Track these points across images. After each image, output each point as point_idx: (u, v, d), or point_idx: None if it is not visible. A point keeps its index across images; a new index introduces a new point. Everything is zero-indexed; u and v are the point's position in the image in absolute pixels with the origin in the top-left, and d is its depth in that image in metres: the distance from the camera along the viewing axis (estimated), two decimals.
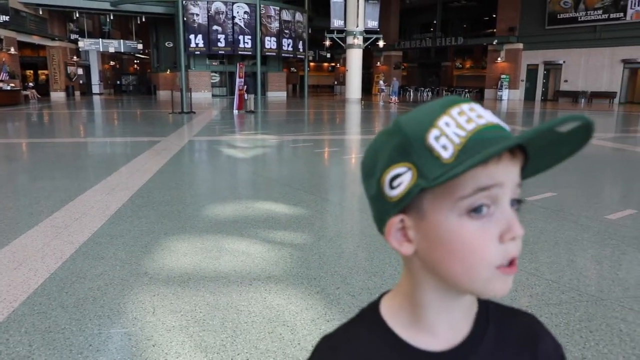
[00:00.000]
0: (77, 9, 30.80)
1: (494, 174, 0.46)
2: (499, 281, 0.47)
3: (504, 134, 0.46)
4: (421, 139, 0.46)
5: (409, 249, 0.51)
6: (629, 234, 4.11)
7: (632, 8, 26.20)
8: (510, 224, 0.47)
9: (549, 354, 0.58)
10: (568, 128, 0.45)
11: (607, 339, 2.45)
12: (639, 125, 14.80)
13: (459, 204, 0.46)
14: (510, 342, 0.56)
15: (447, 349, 0.53)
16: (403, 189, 0.47)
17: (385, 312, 0.56)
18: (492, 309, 0.58)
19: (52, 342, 2.34)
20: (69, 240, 3.79)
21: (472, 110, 0.47)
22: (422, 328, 0.54)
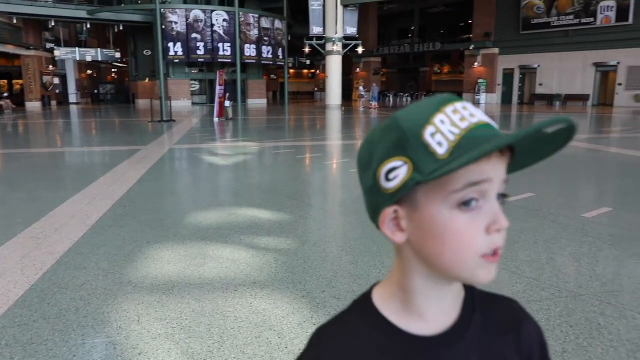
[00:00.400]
0: (52, 17, 30.35)
1: (484, 170, 0.49)
2: (484, 269, 0.51)
3: (494, 132, 0.49)
4: (417, 135, 0.49)
5: (401, 237, 0.53)
6: (604, 231, 4.22)
7: (601, 13, 26.93)
8: (496, 216, 0.50)
9: (532, 337, 0.61)
10: (553, 129, 0.48)
11: (586, 332, 2.52)
12: (611, 127, 15.18)
13: (450, 197, 0.49)
14: (495, 327, 0.59)
15: (437, 334, 0.56)
16: (399, 181, 0.50)
17: (377, 300, 0.59)
18: (477, 295, 0.60)
19: (35, 354, 2.30)
20: (49, 250, 3.73)
21: (465, 109, 0.50)
22: (413, 314, 0.56)
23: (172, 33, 29.98)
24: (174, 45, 30.16)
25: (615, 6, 26.43)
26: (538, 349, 0.61)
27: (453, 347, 0.56)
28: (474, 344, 0.57)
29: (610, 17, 26.72)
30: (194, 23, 30.33)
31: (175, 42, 30.12)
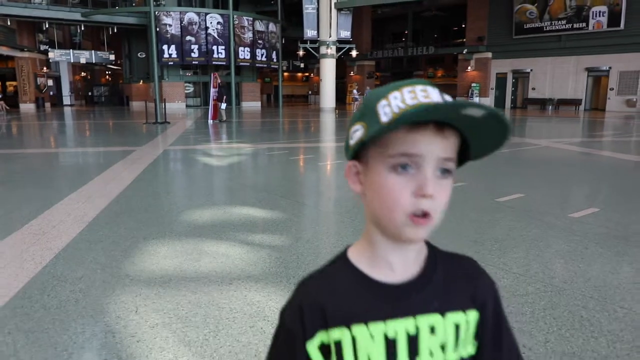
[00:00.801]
0: (47, 19, 30.36)
1: (417, 145, 0.60)
2: (411, 228, 0.62)
3: (439, 108, 0.57)
4: (373, 106, 0.61)
5: (358, 188, 0.66)
6: (591, 231, 4.34)
7: (593, 18, 27.27)
8: (423, 184, 0.60)
9: (486, 289, 0.72)
10: (477, 114, 0.57)
11: (568, 324, 2.62)
12: (602, 131, 15.39)
13: (387, 161, 0.61)
14: (456, 276, 0.70)
15: (403, 282, 0.67)
16: (355, 140, 0.63)
17: (351, 256, 0.70)
18: (439, 253, 0.72)
19: (37, 341, 2.37)
20: (48, 246, 3.80)
21: (424, 91, 0.61)
22: (381, 265, 0.67)
23: (167, 36, 30.04)
24: (168, 48, 30.22)
25: (607, 12, 26.78)
26: (492, 301, 0.72)
27: (418, 293, 0.67)
28: (436, 292, 0.68)
29: (602, 23, 27.06)
30: (189, 26, 30.41)
31: (169, 44, 30.18)
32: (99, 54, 34.65)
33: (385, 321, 0.65)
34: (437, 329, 0.67)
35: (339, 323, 0.65)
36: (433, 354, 0.66)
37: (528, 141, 12.28)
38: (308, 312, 0.66)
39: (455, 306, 0.68)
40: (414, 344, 0.66)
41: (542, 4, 29.27)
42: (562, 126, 17.84)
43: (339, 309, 0.66)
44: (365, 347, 0.65)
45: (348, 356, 0.65)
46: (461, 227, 4.40)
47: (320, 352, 0.67)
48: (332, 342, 0.66)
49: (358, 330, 0.65)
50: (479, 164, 3.92)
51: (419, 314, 0.66)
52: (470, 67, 32.80)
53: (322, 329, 0.66)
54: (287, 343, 0.68)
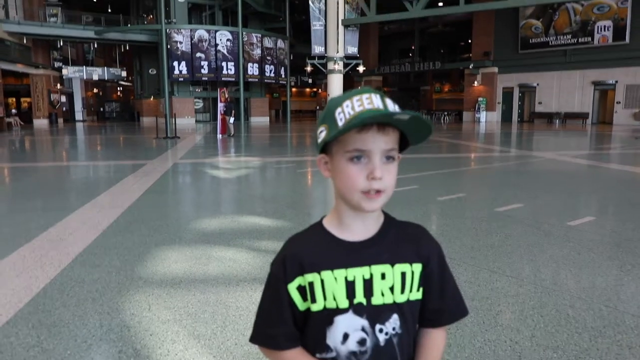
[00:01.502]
0: (61, 37, 31.15)
1: (366, 142, 0.82)
2: (366, 201, 0.85)
3: (379, 115, 0.80)
4: (332, 113, 0.83)
5: (328, 174, 0.89)
6: (586, 237, 4.48)
7: (598, 33, 27.48)
8: (373, 170, 0.83)
9: (430, 247, 0.94)
10: (403, 117, 0.79)
11: (555, 321, 2.78)
12: (608, 144, 15.48)
13: (345, 154, 0.84)
14: (404, 238, 0.93)
15: (363, 240, 0.90)
16: (321, 139, 0.85)
17: (325, 223, 0.94)
18: (393, 221, 0.95)
19: (58, 334, 2.58)
20: (65, 251, 4.02)
21: (369, 99, 0.82)
22: (345, 229, 0.91)
23: (177, 52, 30.66)
24: (178, 64, 30.82)
25: (612, 26, 26.98)
26: (436, 259, 0.94)
27: (371, 248, 0.90)
28: (386, 247, 0.90)
29: (607, 37, 27.27)
30: (199, 43, 31.02)
31: (180, 61, 30.79)
32: (111, 71, 35.41)
33: (347, 269, 0.88)
34: (387, 275, 0.89)
35: (311, 270, 0.88)
36: (384, 294, 0.89)
37: (533, 154, 12.41)
38: (289, 262, 0.90)
39: (403, 259, 0.90)
40: (368, 286, 0.88)
41: (547, 19, 29.56)
42: (568, 139, 17.95)
43: (312, 260, 0.89)
44: (331, 287, 0.88)
45: (319, 294, 0.88)
46: (458, 235, 4.57)
47: (298, 291, 0.90)
48: (307, 284, 0.89)
49: (325, 275, 0.88)
50: (480, 176, 4.18)
51: (373, 264, 0.89)
52: (477, 82, 33.06)
53: (299, 275, 0.89)
54: (274, 285, 0.91)
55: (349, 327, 0.87)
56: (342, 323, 0.87)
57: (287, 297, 0.89)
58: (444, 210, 5.68)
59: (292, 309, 0.90)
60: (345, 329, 0.87)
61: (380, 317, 0.88)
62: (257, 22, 35.09)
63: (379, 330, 0.87)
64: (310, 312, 0.89)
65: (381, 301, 0.88)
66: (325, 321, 0.88)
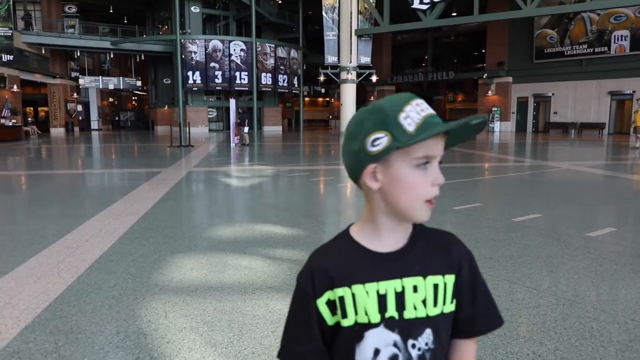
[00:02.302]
0: (78, 48, 31.69)
1: (434, 147, 0.81)
2: (424, 211, 0.82)
3: (439, 120, 0.80)
4: (395, 118, 0.79)
5: (377, 185, 0.83)
6: (606, 249, 4.39)
7: (615, 42, 27.21)
8: (437, 175, 0.81)
9: (461, 255, 0.90)
10: (475, 122, 0.80)
11: (579, 334, 2.71)
12: (625, 154, 15.25)
13: (413, 161, 0.80)
14: (433, 247, 0.89)
15: (393, 251, 0.86)
16: (381, 147, 0.80)
17: (353, 233, 0.90)
18: (423, 230, 0.91)
19: (76, 341, 2.57)
20: (82, 258, 4.04)
21: (423, 103, 0.81)
22: (377, 240, 0.87)
23: (192, 62, 30.99)
24: (193, 74, 31.14)
25: (629, 36, 26.71)
26: (468, 267, 0.90)
27: (402, 260, 0.86)
28: (417, 259, 0.87)
29: (624, 47, 26.99)
30: (213, 53, 31.33)
31: (194, 71, 31.11)
32: (127, 80, 35.87)
33: (378, 282, 0.84)
34: (419, 288, 0.85)
35: (342, 284, 0.84)
36: (417, 307, 0.85)
37: (549, 164, 12.27)
38: (318, 276, 0.85)
39: (435, 271, 0.87)
40: (400, 299, 0.84)
41: (563, 29, 29.36)
42: (584, 150, 17.72)
43: (342, 273, 0.85)
44: (362, 301, 0.84)
45: (349, 308, 0.84)
46: (476, 245, 4.50)
47: (327, 306, 0.85)
48: (337, 298, 0.84)
49: (357, 289, 0.84)
50: (496, 186, 4.13)
51: (404, 276, 0.85)
52: (491, 92, 32.87)
53: (329, 289, 0.85)
54: (302, 300, 0.87)
55: (380, 342, 0.83)
56: (372, 338, 0.83)
57: (316, 312, 0.85)
58: (460, 220, 5.62)
59: (320, 324, 0.86)
60: (376, 344, 0.83)
61: (412, 331, 0.84)
62: (271, 32, 35.37)
63: (411, 345, 0.83)
64: (340, 327, 0.85)
65: (414, 315, 0.84)
66: (354, 337, 0.84)
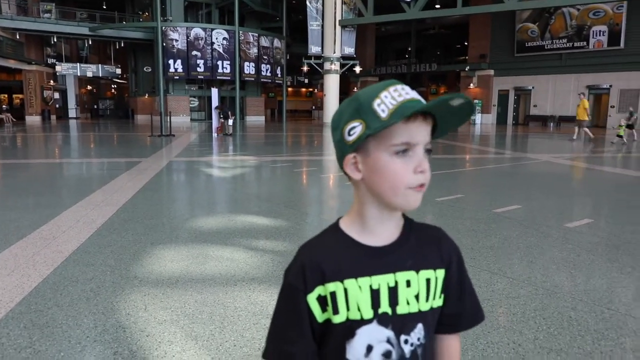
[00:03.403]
0: (55, 33, 30.92)
1: (414, 132, 0.76)
2: (412, 196, 0.78)
3: (421, 104, 0.75)
4: (369, 105, 0.76)
5: (358, 175, 0.81)
6: (584, 240, 4.46)
7: (594, 37, 27.62)
8: (419, 162, 0.77)
9: (450, 250, 0.89)
10: (457, 103, 0.75)
11: (557, 323, 2.74)
12: (602, 147, 15.53)
13: (391, 148, 0.77)
14: (426, 240, 0.87)
15: (385, 245, 0.83)
16: (356, 136, 0.78)
17: (343, 226, 0.86)
18: (413, 223, 0.88)
19: (51, 335, 2.51)
20: (58, 249, 3.95)
21: (403, 89, 0.77)
22: (368, 233, 0.84)
23: (173, 50, 30.52)
24: (174, 62, 30.69)
25: (607, 31, 27.12)
26: (456, 261, 0.88)
27: (394, 253, 0.83)
28: (409, 253, 0.84)
29: (602, 42, 27.41)
30: (195, 41, 30.90)
31: (175, 59, 30.65)
32: (106, 68, 35.16)
33: (371, 276, 0.81)
34: (412, 283, 0.83)
35: (334, 279, 0.81)
36: (409, 302, 0.82)
37: (529, 156, 12.43)
38: (309, 271, 0.81)
39: (427, 265, 0.84)
40: (394, 294, 0.81)
41: (544, 23, 29.66)
42: (562, 142, 17.99)
43: (334, 268, 0.81)
44: (355, 296, 0.80)
45: (341, 304, 0.80)
46: (458, 235, 4.53)
47: (318, 302, 0.81)
48: (328, 294, 0.81)
49: (349, 283, 0.80)
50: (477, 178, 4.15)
51: (397, 270, 0.82)
52: (473, 84, 33.13)
53: (320, 284, 0.81)
54: (292, 297, 0.82)
55: (373, 338, 0.81)
56: (365, 335, 0.81)
57: (307, 309, 0.81)
58: (442, 211, 5.65)
59: (311, 321, 0.82)
60: (369, 341, 0.81)
61: (405, 327, 0.82)
62: (254, 21, 35.00)
63: (404, 341, 0.81)
64: (331, 324, 0.81)
65: (406, 310, 0.82)
66: (346, 334, 0.81)
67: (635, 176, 9.03)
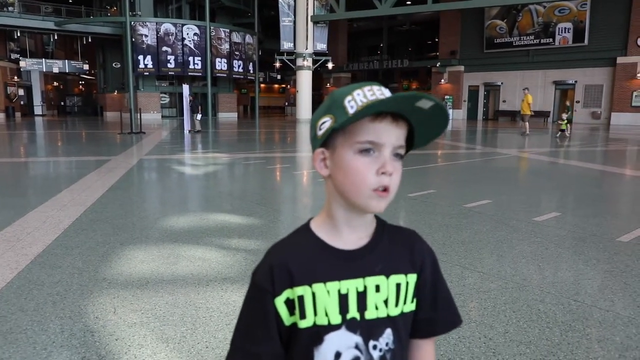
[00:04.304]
0: (18, 27, 29.89)
1: (379, 133, 0.75)
2: (375, 200, 0.76)
3: (386, 104, 0.73)
4: (340, 101, 0.76)
5: (326, 172, 0.80)
6: (552, 233, 4.57)
7: (559, 34, 28.30)
8: (384, 164, 0.75)
9: (423, 253, 0.87)
10: (427, 105, 0.73)
11: (527, 316, 2.80)
12: (569, 142, 15.95)
13: (355, 146, 0.75)
14: (397, 244, 0.85)
15: (355, 249, 0.82)
16: (324, 130, 0.77)
17: (313, 227, 0.84)
18: (386, 226, 0.86)
19: (15, 342, 2.43)
20: (23, 252, 3.82)
21: (379, 90, 0.76)
22: (337, 235, 0.82)
23: (143, 46, 29.91)
24: (144, 58, 30.08)
25: (572, 28, 27.82)
26: (430, 266, 0.87)
27: (365, 258, 0.82)
28: (380, 257, 0.82)
29: (567, 38, 28.11)
30: (165, 36, 30.35)
31: (145, 55, 30.05)
32: (73, 64, 34.22)
33: (340, 281, 0.79)
34: (382, 288, 0.81)
35: (302, 282, 0.79)
36: (378, 307, 0.81)
37: (498, 151, 12.67)
38: (277, 272, 0.79)
39: (397, 270, 0.83)
40: (362, 299, 0.80)
41: (511, 20, 30.23)
42: (530, 137, 18.40)
43: (303, 271, 0.79)
44: (323, 301, 0.79)
45: (309, 308, 0.79)
46: (430, 231, 4.58)
47: (286, 305, 0.79)
48: (296, 297, 0.79)
49: (317, 287, 0.79)
50: (448, 173, 4.20)
51: (367, 275, 0.81)
52: (444, 80, 33.56)
53: (288, 287, 0.79)
54: (259, 298, 0.80)
55: (341, 345, 0.79)
56: (333, 341, 0.79)
57: (274, 311, 0.79)
58: (414, 207, 5.70)
59: (278, 324, 0.80)
60: (337, 347, 0.79)
61: (374, 332, 0.80)
62: (225, 16, 34.57)
63: (372, 346, 0.80)
64: (297, 328, 0.79)
65: (375, 315, 0.80)
66: (313, 339, 0.79)
67: (598, 169, 9.31)
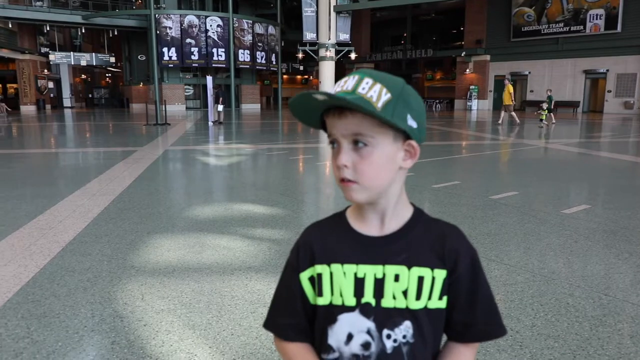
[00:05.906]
0: (47, 22, 30.54)
1: (330, 126, 0.79)
2: (345, 191, 0.79)
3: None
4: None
5: None
6: (581, 226, 4.47)
7: (590, 21, 27.47)
8: (338, 157, 0.77)
9: (457, 251, 0.83)
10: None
11: (555, 310, 2.75)
12: (599, 132, 15.54)
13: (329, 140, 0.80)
14: (430, 237, 0.84)
15: (382, 235, 0.83)
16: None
17: (347, 214, 0.88)
18: (423, 218, 0.86)
19: (49, 325, 2.50)
20: (55, 239, 3.93)
21: (346, 82, 0.78)
22: (363, 221, 0.84)
23: (167, 38, 30.21)
24: (168, 50, 30.38)
25: (604, 15, 26.98)
26: (467, 262, 0.83)
27: (388, 246, 0.82)
28: (406, 247, 0.82)
29: (599, 26, 27.27)
30: (189, 28, 30.57)
31: (169, 47, 30.34)
32: (99, 57, 34.83)
33: (358, 264, 0.82)
34: (401, 278, 0.80)
35: (322, 261, 0.84)
36: (396, 297, 0.80)
37: (525, 142, 12.42)
38: (302, 251, 0.86)
39: (423, 262, 0.81)
40: (379, 286, 0.81)
41: (540, 7, 29.47)
42: (559, 127, 17.98)
43: (324, 250, 0.84)
44: (339, 282, 0.82)
45: (326, 287, 0.83)
46: (455, 222, 4.47)
47: (310, 282, 0.85)
48: (316, 275, 0.84)
49: (335, 268, 0.82)
50: (474, 164, 4.14)
51: (388, 263, 0.81)
52: (469, 70, 32.98)
53: (310, 265, 0.85)
54: (288, 273, 0.88)
55: (353, 327, 0.80)
56: (346, 322, 0.81)
57: (299, 287, 0.86)
58: (439, 198, 5.65)
59: (303, 300, 0.86)
60: (349, 329, 0.81)
61: (389, 321, 0.80)
62: (248, 7, 34.62)
63: (386, 335, 0.79)
64: (317, 305, 0.85)
65: (392, 304, 0.80)
66: (328, 318, 0.82)
67: (629, 160, 9.04)
